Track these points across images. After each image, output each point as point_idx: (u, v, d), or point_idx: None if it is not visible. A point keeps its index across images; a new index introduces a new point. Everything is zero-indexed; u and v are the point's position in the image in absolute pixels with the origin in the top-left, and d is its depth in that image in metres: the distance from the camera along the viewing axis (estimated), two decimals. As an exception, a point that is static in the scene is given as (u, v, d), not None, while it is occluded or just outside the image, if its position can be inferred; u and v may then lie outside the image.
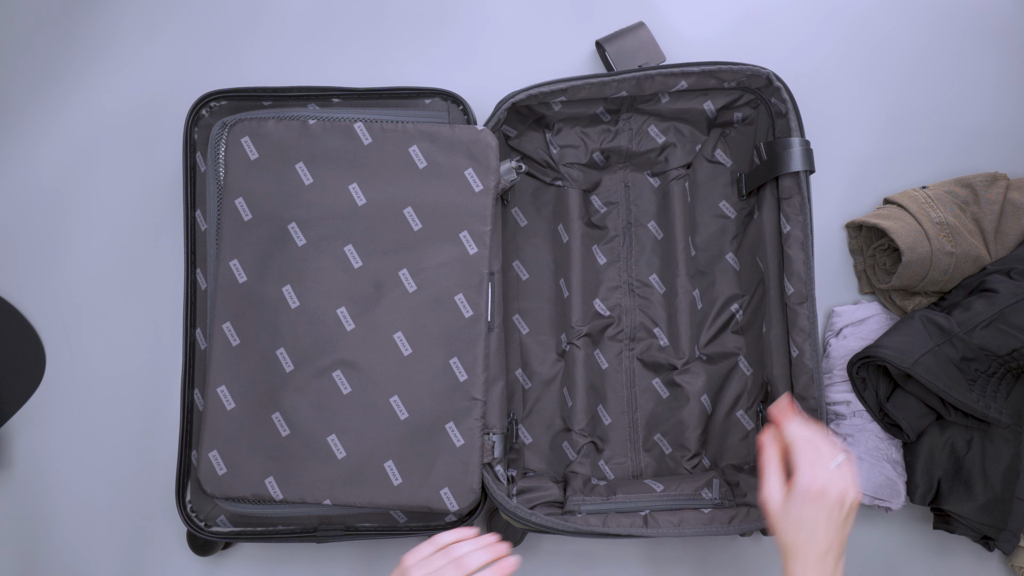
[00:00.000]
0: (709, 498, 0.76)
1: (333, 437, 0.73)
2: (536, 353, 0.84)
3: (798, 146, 0.75)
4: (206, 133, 0.80)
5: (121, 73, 0.88)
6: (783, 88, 0.76)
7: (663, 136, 0.84)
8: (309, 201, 0.76)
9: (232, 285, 0.75)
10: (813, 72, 0.87)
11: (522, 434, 0.83)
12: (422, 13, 0.88)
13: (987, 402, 0.74)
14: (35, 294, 0.86)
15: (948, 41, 0.87)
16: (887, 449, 0.78)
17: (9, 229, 0.87)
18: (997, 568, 0.82)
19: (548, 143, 0.84)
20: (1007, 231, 0.79)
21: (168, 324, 0.84)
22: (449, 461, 0.73)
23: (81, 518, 0.83)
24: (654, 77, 0.78)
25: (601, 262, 0.85)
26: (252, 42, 0.88)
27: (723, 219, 0.85)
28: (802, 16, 0.88)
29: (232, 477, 0.73)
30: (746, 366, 0.82)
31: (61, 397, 0.85)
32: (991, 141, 0.86)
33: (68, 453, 0.84)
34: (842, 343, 0.81)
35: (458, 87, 0.81)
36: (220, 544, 0.80)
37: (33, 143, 0.87)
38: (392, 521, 0.76)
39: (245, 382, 0.74)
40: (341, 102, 0.80)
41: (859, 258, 0.84)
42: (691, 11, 0.88)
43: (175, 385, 0.83)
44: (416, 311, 0.74)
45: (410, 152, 0.76)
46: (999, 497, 0.75)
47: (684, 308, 0.83)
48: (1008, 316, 0.73)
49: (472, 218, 0.75)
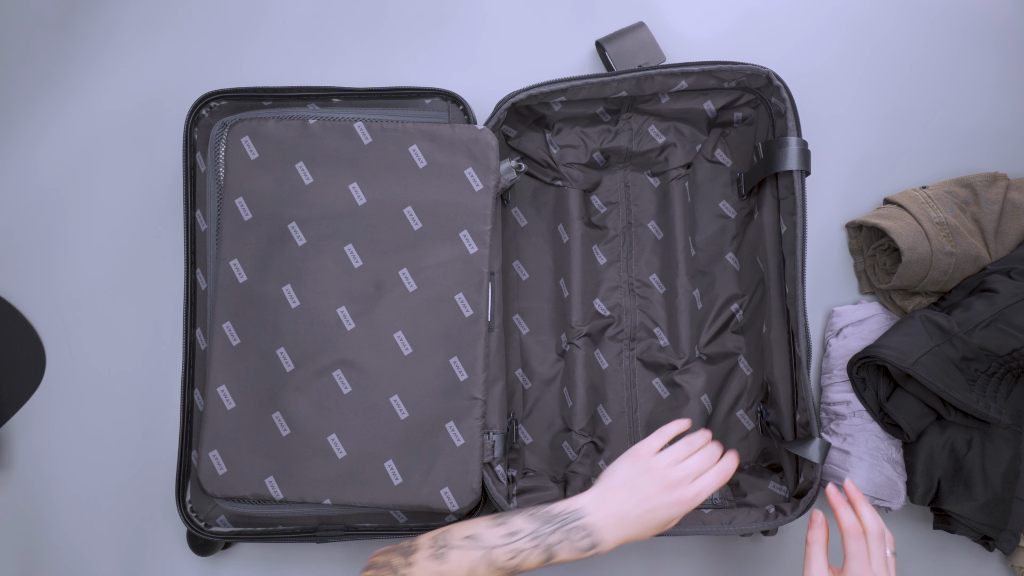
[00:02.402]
0: (709, 499, 0.76)
1: (333, 437, 0.73)
2: (536, 353, 0.84)
3: (795, 145, 0.75)
4: (206, 133, 0.80)
5: (121, 73, 0.88)
6: (783, 87, 0.76)
7: (663, 136, 0.84)
8: (309, 201, 0.76)
9: (232, 285, 0.75)
10: (813, 72, 0.87)
11: (522, 434, 0.83)
12: (422, 13, 0.88)
13: (987, 402, 0.74)
14: (35, 294, 0.86)
15: (948, 41, 0.87)
16: (887, 449, 0.78)
17: (9, 229, 0.87)
18: (997, 568, 0.82)
19: (548, 143, 0.84)
20: (1007, 231, 0.79)
21: (168, 324, 0.84)
22: (449, 461, 0.73)
23: (81, 518, 0.83)
24: (654, 77, 0.78)
25: (601, 262, 0.85)
26: (252, 42, 0.88)
27: (723, 219, 0.85)
28: (802, 16, 0.88)
29: (232, 477, 0.73)
30: (746, 366, 0.82)
31: (61, 397, 0.85)
32: (991, 141, 0.86)
33: (68, 453, 0.84)
34: (842, 343, 0.81)
35: (458, 87, 0.81)
36: (220, 544, 0.80)
37: (33, 143, 0.87)
38: (392, 521, 0.76)
39: (245, 382, 0.74)
40: (341, 102, 0.80)
41: (859, 258, 0.84)
42: (691, 11, 0.88)
43: (175, 385, 0.83)
44: (416, 311, 0.74)
45: (410, 152, 0.76)
46: (999, 497, 0.75)
47: (684, 308, 0.83)
48: (1008, 316, 0.73)
49: (472, 217, 0.75)
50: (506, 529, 0.60)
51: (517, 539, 0.60)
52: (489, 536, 0.60)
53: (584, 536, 0.60)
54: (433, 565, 0.59)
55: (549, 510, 0.62)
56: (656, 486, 0.62)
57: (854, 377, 0.78)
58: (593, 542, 0.60)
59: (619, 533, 0.60)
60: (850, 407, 0.79)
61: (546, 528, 0.60)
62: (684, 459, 0.64)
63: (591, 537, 0.60)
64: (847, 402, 0.79)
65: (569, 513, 0.61)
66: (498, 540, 0.60)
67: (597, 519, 0.61)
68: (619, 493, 0.62)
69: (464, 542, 0.60)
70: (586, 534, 0.60)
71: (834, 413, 0.80)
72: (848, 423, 0.79)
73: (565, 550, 0.60)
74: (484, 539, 0.60)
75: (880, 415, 0.78)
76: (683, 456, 0.64)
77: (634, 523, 0.61)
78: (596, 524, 0.60)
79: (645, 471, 0.63)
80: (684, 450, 0.65)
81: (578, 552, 0.60)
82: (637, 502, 0.62)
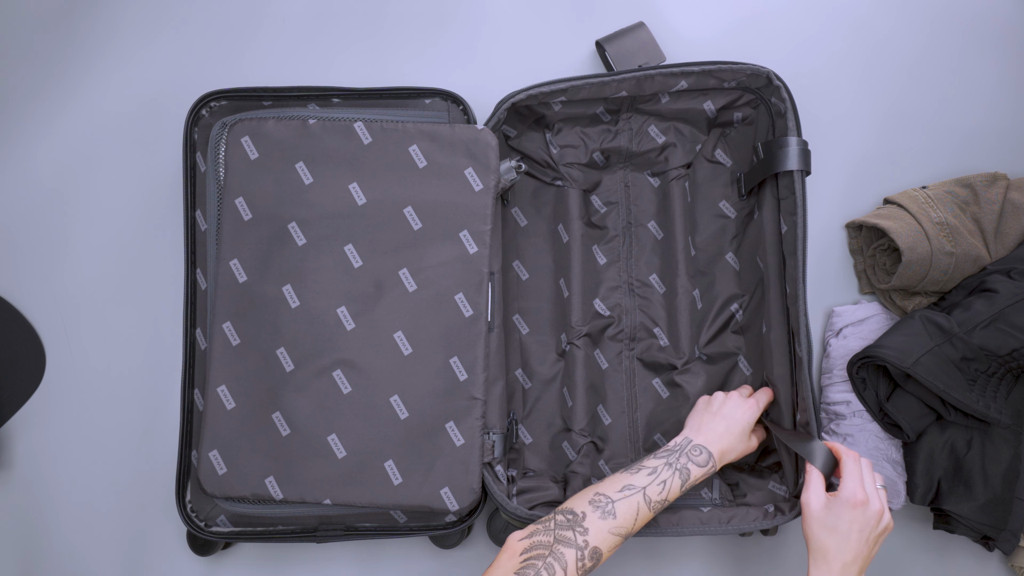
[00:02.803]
0: (709, 498, 0.76)
1: (333, 437, 0.73)
2: (536, 353, 0.84)
3: (795, 145, 0.75)
4: (206, 133, 0.80)
5: (121, 73, 0.88)
6: (783, 87, 0.76)
7: (663, 136, 0.84)
8: (309, 201, 0.76)
9: (232, 285, 0.75)
10: (813, 72, 0.87)
11: (522, 434, 0.83)
12: (422, 13, 0.88)
13: (987, 402, 0.74)
14: (35, 294, 0.86)
15: (948, 41, 0.87)
16: (887, 449, 0.78)
17: (9, 229, 0.87)
18: (997, 568, 0.82)
19: (548, 143, 0.84)
20: (1007, 231, 0.79)
21: (168, 324, 0.84)
22: (449, 461, 0.73)
23: (81, 518, 0.83)
24: (654, 77, 0.78)
25: (601, 262, 0.85)
26: (252, 42, 0.88)
27: (723, 219, 0.85)
28: (802, 16, 0.88)
29: (232, 477, 0.73)
30: (746, 366, 0.82)
31: (61, 397, 0.85)
32: (991, 141, 0.86)
33: (68, 453, 0.84)
34: (842, 343, 0.81)
35: (458, 87, 0.81)
36: (220, 544, 0.80)
37: (33, 143, 0.87)
38: (392, 521, 0.76)
39: (245, 382, 0.74)
40: (341, 102, 0.80)
41: (859, 258, 0.84)
42: (691, 11, 0.88)
43: (175, 385, 0.83)
44: (416, 310, 0.74)
45: (410, 151, 0.76)
46: (999, 497, 0.75)
47: (684, 308, 0.83)
48: (1008, 316, 0.73)
49: (472, 217, 0.75)
50: (646, 471, 0.68)
51: (659, 473, 0.68)
52: (638, 480, 0.68)
53: (700, 452, 0.71)
54: (608, 523, 0.65)
55: (665, 448, 0.71)
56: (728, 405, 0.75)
57: (854, 377, 0.78)
58: (709, 454, 0.71)
59: (722, 445, 0.72)
60: (850, 407, 0.79)
61: (671, 457, 0.70)
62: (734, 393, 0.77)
63: (707, 451, 0.71)
64: (847, 402, 0.79)
65: (678, 443, 0.71)
66: (646, 480, 0.68)
67: (703, 439, 0.72)
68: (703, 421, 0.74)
69: (622, 492, 0.66)
70: (701, 450, 0.71)
71: (834, 413, 0.80)
72: (848, 423, 0.79)
73: (694, 468, 0.69)
74: (636, 483, 0.67)
75: (880, 415, 0.78)
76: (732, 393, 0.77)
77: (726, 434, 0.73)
78: (704, 442, 0.72)
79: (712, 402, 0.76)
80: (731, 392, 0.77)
81: (702, 467, 0.70)
82: (720, 419, 0.73)
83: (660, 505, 0.68)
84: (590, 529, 0.64)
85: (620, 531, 0.65)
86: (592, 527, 0.64)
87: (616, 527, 0.65)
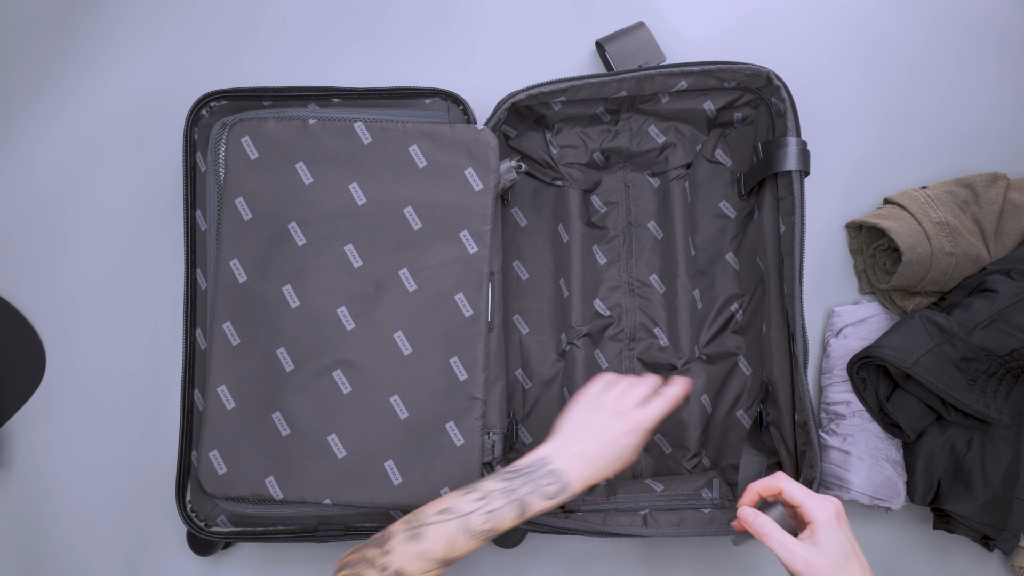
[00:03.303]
0: (709, 498, 0.76)
1: (333, 437, 0.73)
2: (536, 353, 0.84)
3: (794, 145, 0.75)
4: (206, 133, 0.80)
5: (121, 73, 0.88)
6: (782, 87, 0.76)
7: (663, 136, 0.84)
8: (309, 201, 0.76)
9: (232, 285, 0.75)
10: (813, 72, 0.87)
11: (522, 434, 0.83)
12: (422, 13, 0.88)
13: (987, 402, 0.74)
14: (35, 294, 0.86)
15: (948, 41, 0.87)
16: (887, 449, 0.78)
17: (9, 229, 0.87)
18: (997, 568, 0.82)
19: (548, 143, 0.84)
20: (1007, 231, 0.79)
21: (168, 324, 0.84)
22: (449, 461, 0.73)
23: (81, 518, 0.83)
24: (654, 77, 0.78)
25: (601, 262, 0.85)
26: (252, 42, 0.88)
27: (723, 219, 0.85)
28: (802, 16, 0.88)
29: (232, 477, 0.73)
30: (746, 366, 0.82)
31: (61, 397, 0.85)
32: (991, 141, 0.86)
33: (68, 453, 0.84)
34: (842, 343, 0.81)
35: (458, 87, 0.81)
36: (220, 544, 0.80)
37: (33, 143, 0.87)
38: (392, 521, 0.76)
39: (245, 382, 0.74)
40: (341, 102, 0.80)
41: (859, 258, 0.84)
42: (691, 11, 0.88)
43: (175, 385, 0.83)
44: (416, 310, 0.74)
45: (410, 151, 0.76)
46: (999, 497, 0.75)
47: (684, 308, 0.83)
48: (1008, 316, 0.73)
49: (472, 217, 0.75)
50: (477, 494, 0.61)
51: (489, 500, 0.61)
52: (462, 504, 0.61)
53: (552, 481, 0.61)
54: (411, 547, 0.59)
55: (514, 466, 0.63)
56: (608, 419, 0.65)
57: (854, 377, 0.78)
58: (562, 485, 0.62)
59: (584, 472, 0.62)
60: (850, 407, 0.79)
61: (515, 483, 0.62)
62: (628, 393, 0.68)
63: (559, 481, 0.62)
64: (847, 402, 0.79)
65: (534, 463, 0.63)
66: (471, 506, 0.61)
67: (562, 463, 0.63)
68: (576, 434, 0.65)
69: (438, 516, 0.61)
70: (554, 479, 0.62)
71: (834, 413, 0.80)
72: (848, 423, 0.79)
73: (537, 499, 0.61)
74: (457, 508, 0.61)
75: (880, 415, 0.78)
76: (626, 390, 0.69)
77: (596, 458, 0.63)
78: (561, 468, 0.62)
79: (594, 409, 0.67)
80: (626, 386, 0.69)
81: (548, 499, 0.61)
82: (594, 437, 0.64)
83: (487, 534, 0.61)
84: (394, 551, 0.59)
85: (429, 555, 0.59)
86: (396, 549, 0.59)
87: (423, 551, 0.59)
